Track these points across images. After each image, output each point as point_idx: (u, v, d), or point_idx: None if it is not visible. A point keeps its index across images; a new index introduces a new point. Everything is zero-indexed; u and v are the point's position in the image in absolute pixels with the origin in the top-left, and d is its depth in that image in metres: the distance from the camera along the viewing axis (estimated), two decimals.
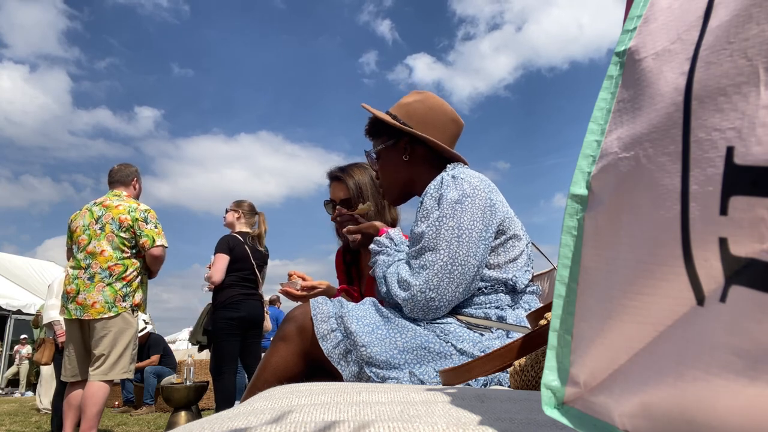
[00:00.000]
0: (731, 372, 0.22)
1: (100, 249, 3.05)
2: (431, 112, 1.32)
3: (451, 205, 1.09)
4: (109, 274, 3.02)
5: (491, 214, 1.12)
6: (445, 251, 1.06)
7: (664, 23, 0.33)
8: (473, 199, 1.10)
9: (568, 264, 0.36)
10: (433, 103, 1.33)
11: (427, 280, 1.05)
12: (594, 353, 0.33)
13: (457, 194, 1.10)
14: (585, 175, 0.36)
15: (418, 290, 1.05)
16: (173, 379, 5.71)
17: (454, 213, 1.08)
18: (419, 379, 0.99)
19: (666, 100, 0.29)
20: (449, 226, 1.07)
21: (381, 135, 1.37)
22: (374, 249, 1.25)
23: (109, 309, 2.99)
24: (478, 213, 1.10)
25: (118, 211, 3.12)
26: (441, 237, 1.07)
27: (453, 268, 1.06)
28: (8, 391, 10.27)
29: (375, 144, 1.40)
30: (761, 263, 0.21)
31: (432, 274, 1.05)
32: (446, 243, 1.06)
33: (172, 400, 3.83)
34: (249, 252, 3.72)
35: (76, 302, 3.00)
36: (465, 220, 1.08)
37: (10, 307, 11.34)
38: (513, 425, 0.39)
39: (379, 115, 1.34)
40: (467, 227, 1.08)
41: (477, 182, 1.13)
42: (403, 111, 1.33)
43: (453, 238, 1.06)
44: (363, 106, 1.40)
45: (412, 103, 1.34)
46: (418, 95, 1.36)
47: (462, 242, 1.07)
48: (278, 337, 1.09)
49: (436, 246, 1.06)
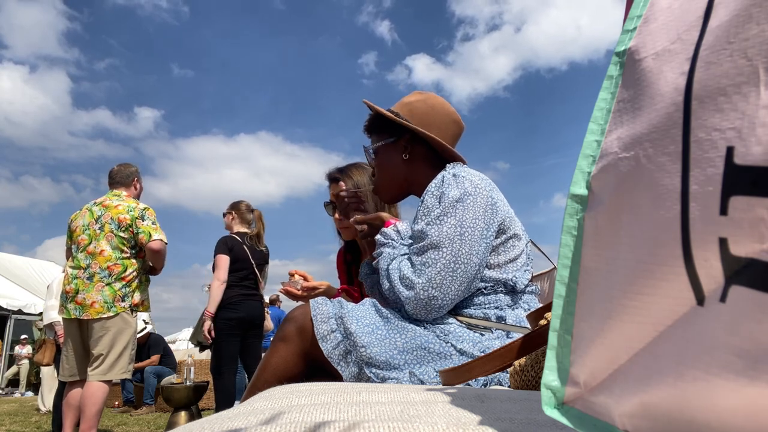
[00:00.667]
0: (731, 372, 0.22)
1: (100, 249, 3.04)
2: (433, 112, 1.32)
3: (453, 204, 1.09)
4: (109, 274, 3.02)
5: (492, 212, 1.12)
6: (448, 249, 1.06)
7: (664, 23, 0.33)
8: (475, 197, 1.10)
9: (568, 264, 0.36)
10: (435, 103, 1.33)
11: (430, 278, 1.05)
12: (594, 353, 0.33)
13: (459, 192, 1.10)
14: (585, 175, 0.36)
15: (420, 288, 1.05)
16: (173, 379, 5.71)
17: (456, 211, 1.08)
18: (419, 380, 0.99)
19: (666, 100, 0.29)
20: (451, 224, 1.07)
21: (382, 132, 1.37)
22: (380, 240, 1.24)
23: (108, 309, 2.99)
24: (480, 211, 1.10)
25: (117, 210, 3.12)
26: (444, 234, 1.06)
27: (456, 266, 1.06)
28: (8, 391, 10.28)
29: (374, 140, 1.39)
30: (761, 263, 0.21)
31: (435, 272, 1.05)
32: (449, 241, 1.06)
33: (172, 400, 3.83)
34: (248, 252, 3.72)
35: (75, 302, 3.00)
36: (467, 218, 1.08)
37: (10, 307, 11.34)
38: (513, 425, 0.39)
39: (382, 111, 1.34)
40: (470, 225, 1.08)
41: (478, 180, 1.13)
42: (406, 109, 1.32)
43: (456, 236, 1.06)
44: (365, 102, 1.40)
45: (414, 102, 1.33)
46: (420, 95, 1.36)
47: (465, 240, 1.07)
48: (278, 338, 1.09)
49: (439, 243, 1.06)
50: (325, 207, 1.81)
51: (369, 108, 1.40)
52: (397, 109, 1.33)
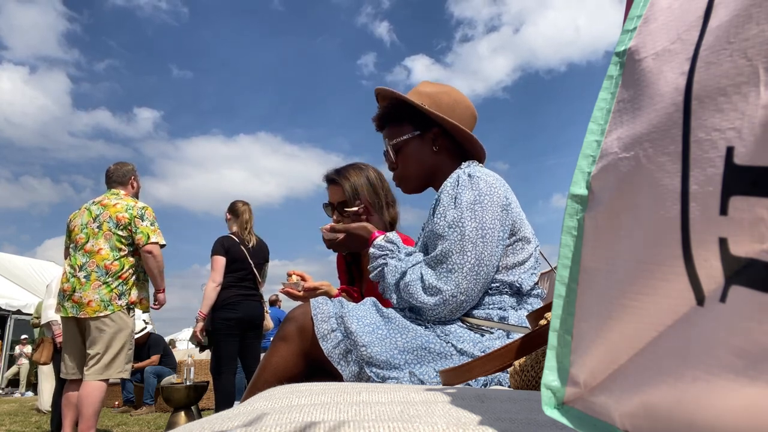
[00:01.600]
0: (731, 372, 0.22)
1: (98, 247, 3.04)
2: (457, 105, 1.29)
3: (470, 206, 1.07)
4: (106, 272, 3.02)
5: (507, 213, 1.11)
6: (472, 253, 1.05)
7: (664, 23, 0.33)
8: (491, 197, 1.09)
9: (568, 264, 0.36)
10: (457, 96, 1.30)
11: (458, 284, 1.04)
12: (594, 353, 0.33)
13: (474, 194, 1.09)
14: (585, 175, 0.36)
15: (450, 295, 1.04)
16: (173, 379, 5.71)
17: (474, 214, 1.07)
18: (419, 379, 0.99)
19: (666, 100, 0.29)
20: (473, 227, 1.06)
21: (402, 122, 1.30)
22: (376, 253, 1.20)
23: (104, 307, 2.98)
24: (498, 211, 1.09)
25: (115, 209, 3.12)
26: (467, 238, 1.05)
27: (479, 269, 1.05)
28: (8, 391, 10.27)
29: (393, 132, 1.32)
30: (761, 263, 0.21)
31: (461, 277, 1.04)
32: (472, 244, 1.05)
33: (172, 400, 3.83)
34: (246, 252, 3.72)
35: (72, 300, 3.00)
36: (487, 219, 1.07)
37: (10, 307, 11.33)
38: (513, 425, 0.39)
39: (415, 103, 1.26)
40: (490, 226, 1.07)
41: (493, 180, 1.13)
42: (430, 100, 1.27)
43: (478, 239, 1.05)
44: (381, 90, 1.33)
45: (438, 93, 1.29)
46: (437, 86, 1.32)
47: (487, 242, 1.06)
48: (278, 337, 1.08)
49: (463, 248, 1.05)
50: (324, 208, 1.81)
51: (383, 98, 1.34)
52: (417, 99, 1.27)
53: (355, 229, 1.30)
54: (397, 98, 1.31)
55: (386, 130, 1.35)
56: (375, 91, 1.37)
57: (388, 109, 1.33)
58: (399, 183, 1.36)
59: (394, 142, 1.31)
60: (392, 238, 1.22)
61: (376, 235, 1.25)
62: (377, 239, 1.23)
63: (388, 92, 1.33)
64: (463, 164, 1.23)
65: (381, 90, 1.35)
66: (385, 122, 1.35)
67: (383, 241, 1.22)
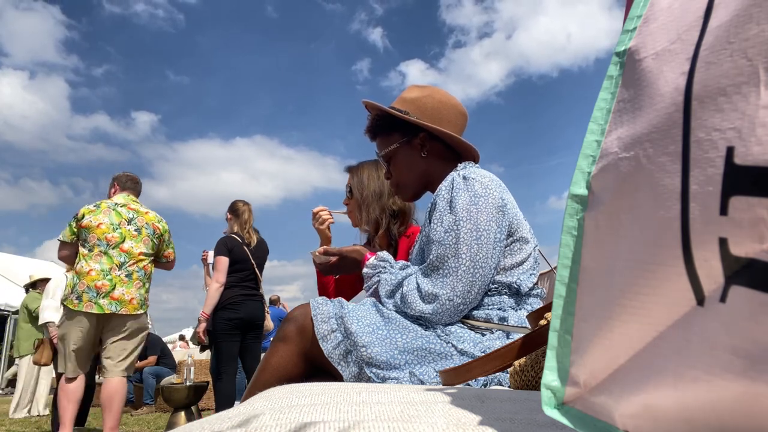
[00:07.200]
0: (731, 372, 0.22)
1: (138, 250, 3.19)
2: (442, 106, 1.30)
3: (466, 208, 1.07)
4: (144, 274, 3.20)
5: (503, 214, 1.11)
6: (467, 255, 1.05)
7: (664, 23, 0.33)
8: (486, 198, 1.09)
9: (568, 264, 0.36)
10: (441, 97, 1.31)
11: (453, 287, 1.04)
12: (594, 353, 0.33)
13: (469, 196, 1.09)
14: (585, 175, 0.36)
15: (446, 299, 1.04)
16: (173, 380, 5.71)
17: (470, 216, 1.07)
18: (419, 380, 0.98)
19: (666, 100, 0.29)
20: (467, 229, 1.06)
21: (391, 132, 1.32)
22: (369, 273, 1.21)
23: (140, 306, 3.16)
24: (493, 212, 1.09)
25: (149, 217, 3.30)
26: (461, 241, 1.05)
27: (475, 270, 1.05)
28: (8, 391, 10.26)
29: (383, 141, 1.34)
30: (761, 263, 0.21)
31: (456, 280, 1.04)
32: (467, 247, 1.05)
33: (172, 400, 3.83)
34: (248, 252, 3.72)
35: (110, 297, 3.07)
36: (482, 220, 1.07)
37: (9, 308, 11.32)
38: (513, 425, 0.39)
39: (392, 111, 1.29)
40: (485, 228, 1.07)
41: (488, 181, 1.13)
42: (413, 106, 1.29)
43: (473, 241, 1.05)
44: (366, 102, 1.35)
45: (422, 98, 1.30)
46: (421, 90, 1.33)
47: (482, 243, 1.06)
48: (278, 338, 1.08)
49: (458, 251, 1.05)
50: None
51: (371, 109, 1.36)
52: (401, 107, 1.30)
53: (349, 252, 1.31)
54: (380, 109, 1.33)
55: (377, 141, 1.37)
56: (363, 104, 1.39)
57: (376, 120, 1.35)
58: (396, 191, 1.38)
59: (384, 152, 1.34)
60: (384, 256, 1.23)
61: (368, 256, 1.25)
62: (369, 260, 1.23)
63: (373, 104, 1.35)
64: (459, 166, 1.23)
65: (367, 102, 1.37)
66: (375, 133, 1.37)
67: (375, 260, 1.22)
